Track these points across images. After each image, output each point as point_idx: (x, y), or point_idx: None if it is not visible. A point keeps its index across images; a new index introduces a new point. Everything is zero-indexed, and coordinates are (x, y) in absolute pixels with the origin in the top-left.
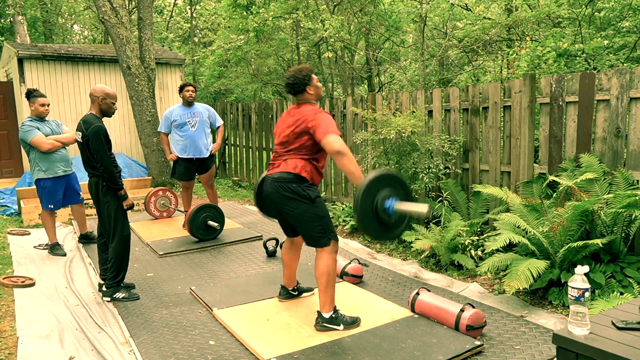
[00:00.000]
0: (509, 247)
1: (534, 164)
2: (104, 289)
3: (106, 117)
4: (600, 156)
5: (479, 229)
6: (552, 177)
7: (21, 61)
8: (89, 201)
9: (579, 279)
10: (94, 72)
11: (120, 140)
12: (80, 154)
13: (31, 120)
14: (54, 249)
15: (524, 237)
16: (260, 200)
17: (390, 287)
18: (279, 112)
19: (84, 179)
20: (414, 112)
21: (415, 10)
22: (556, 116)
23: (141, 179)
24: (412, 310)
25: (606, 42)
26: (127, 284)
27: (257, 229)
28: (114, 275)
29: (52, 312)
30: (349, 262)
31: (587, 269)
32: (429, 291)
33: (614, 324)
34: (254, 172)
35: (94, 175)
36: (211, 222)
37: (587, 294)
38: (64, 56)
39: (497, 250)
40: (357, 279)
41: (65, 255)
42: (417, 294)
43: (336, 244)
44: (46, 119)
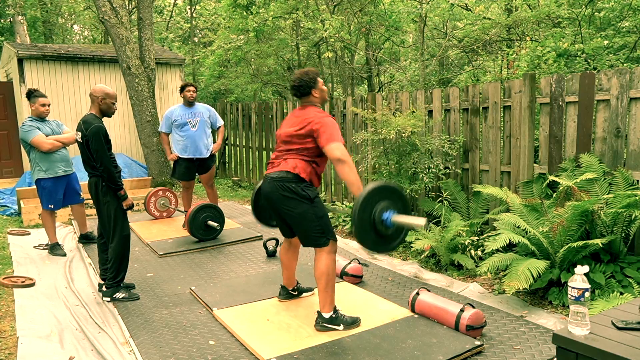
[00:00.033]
0: (509, 247)
1: (534, 164)
2: (104, 289)
3: (106, 117)
4: (600, 156)
5: (479, 229)
6: (552, 177)
7: (21, 61)
8: (89, 201)
9: (578, 279)
10: (94, 72)
11: (120, 140)
12: (80, 154)
13: (32, 120)
14: (54, 249)
15: (524, 237)
16: (257, 208)
17: (390, 287)
18: (279, 112)
19: (84, 179)
20: (414, 112)
21: (415, 10)
22: (556, 116)
23: (141, 179)
24: (412, 310)
25: (606, 42)
26: (127, 284)
27: (257, 229)
28: (114, 275)
29: (52, 312)
30: (349, 262)
31: (587, 269)
32: (429, 291)
33: (613, 324)
34: (253, 172)
35: (93, 175)
36: (211, 222)
37: (587, 294)
38: (64, 56)
39: (497, 250)
40: (357, 279)
41: (65, 255)
42: (417, 294)
43: (335, 244)
44: (47, 119)
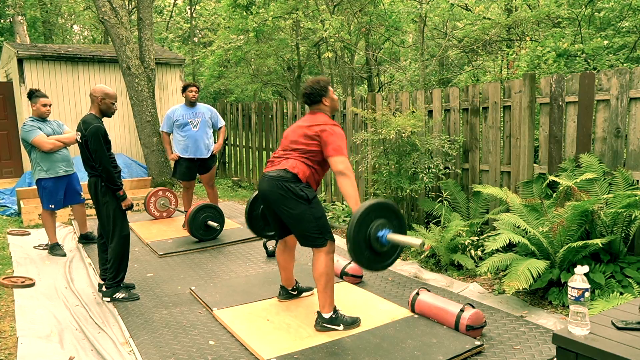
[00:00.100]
0: (509, 247)
1: (534, 164)
2: (104, 289)
3: (106, 117)
4: (600, 156)
5: (479, 229)
6: (552, 177)
7: (21, 61)
8: (89, 201)
9: (578, 279)
10: (94, 72)
11: (120, 140)
12: (80, 154)
13: (33, 120)
14: (54, 249)
15: (523, 237)
16: (251, 219)
17: (390, 287)
18: (278, 112)
19: (84, 178)
20: (414, 112)
21: (415, 10)
22: (556, 116)
23: (141, 179)
24: (412, 310)
25: (606, 42)
26: (127, 284)
27: None
28: (114, 275)
29: (52, 313)
30: (349, 262)
31: (587, 269)
32: (429, 291)
33: (613, 324)
34: (253, 172)
35: (93, 175)
36: (211, 222)
37: (587, 294)
38: (63, 56)
39: (497, 250)
40: (357, 279)
41: (65, 255)
42: (417, 294)
43: (333, 244)
44: (48, 119)
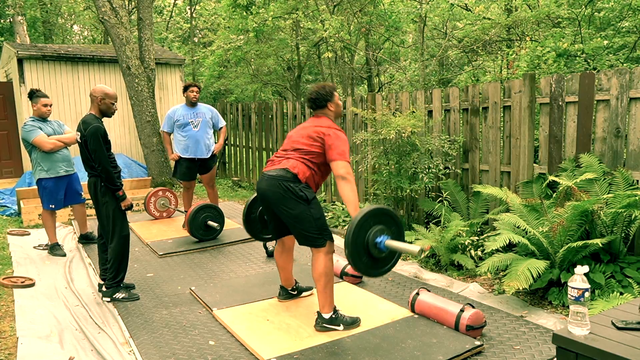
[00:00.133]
0: (509, 247)
1: (534, 164)
2: (104, 289)
3: (106, 117)
4: (600, 156)
5: (479, 229)
6: (552, 177)
7: (21, 61)
8: (89, 201)
9: (578, 279)
10: (94, 72)
11: (120, 140)
12: (80, 154)
13: (33, 120)
14: (54, 249)
15: (523, 237)
16: (248, 222)
17: (390, 287)
18: (278, 112)
19: (85, 178)
20: (414, 112)
21: (415, 10)
22: (556, 116)
23: (141, 179)
24: (412, 310)
25: (606, 42)
26: (127, 284)
27: None
28: (114, 275)
29: (52, 313)
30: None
31: (586, 269)
32: (429, 291)
33: (613, 324)
34: (253, 172)
35: (93, 175)
36: (211, 223)
37: (587, 294)
38: (63, 56)
39: (497, 250)
40: (357, 279)
41: (65, 255)
42: (417, 294)
43: (332, 244)
44: (48, 119)
